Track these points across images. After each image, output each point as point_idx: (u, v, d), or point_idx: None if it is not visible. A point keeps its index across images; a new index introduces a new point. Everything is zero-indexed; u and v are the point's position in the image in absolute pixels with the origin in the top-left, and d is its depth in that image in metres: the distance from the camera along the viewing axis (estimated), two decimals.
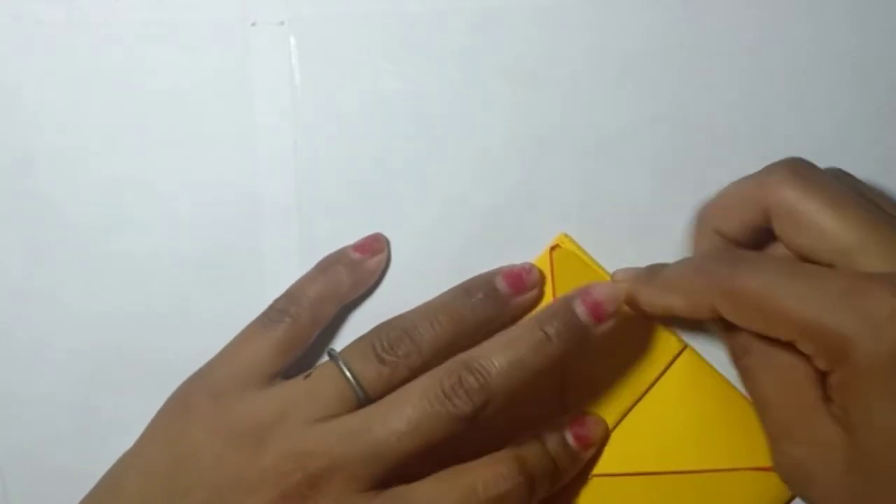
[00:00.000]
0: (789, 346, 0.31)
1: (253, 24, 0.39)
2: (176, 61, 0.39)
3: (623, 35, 0.39)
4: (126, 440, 0.37)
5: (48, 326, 0.39)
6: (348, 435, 0.32)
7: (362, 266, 0.38)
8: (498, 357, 0.33)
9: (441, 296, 0.37)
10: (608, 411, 0.37)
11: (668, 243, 0.38)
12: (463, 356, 0.33)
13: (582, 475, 0.37)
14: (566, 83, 0.39)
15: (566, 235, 0.38)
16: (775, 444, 0.32)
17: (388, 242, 0.39)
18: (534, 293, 0.37)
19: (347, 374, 0.33)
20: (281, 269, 0.39)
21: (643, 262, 0.37)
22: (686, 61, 0.39)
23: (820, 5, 0.39)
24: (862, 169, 0.39)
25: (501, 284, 0.37)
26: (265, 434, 0.33)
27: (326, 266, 0.38)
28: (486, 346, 0.34)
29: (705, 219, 0.36)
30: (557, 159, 0.39)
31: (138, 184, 0.39)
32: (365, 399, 0.33)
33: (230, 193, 0.39)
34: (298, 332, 0.36)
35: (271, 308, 0.37)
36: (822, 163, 0.38)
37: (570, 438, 0.36)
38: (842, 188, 0.32)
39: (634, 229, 0.39)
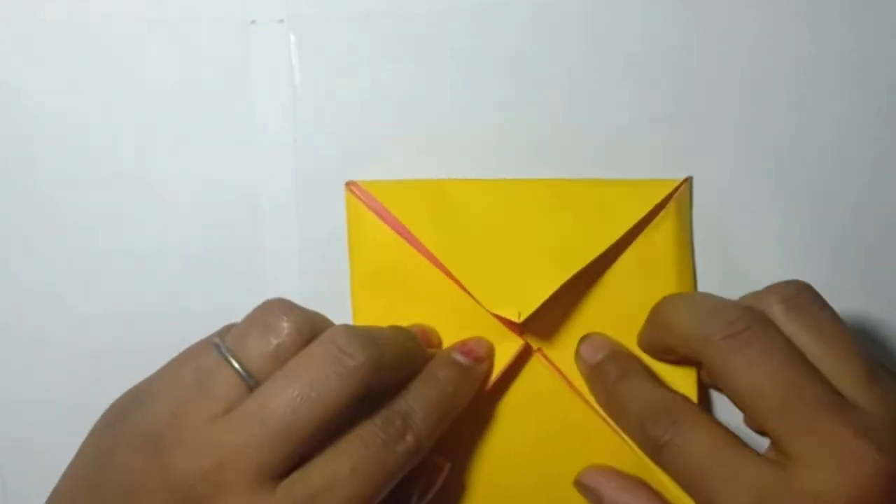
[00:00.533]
0: None
1: (253, 22, 0.39)
2: (176, 60, 0.39)
3: (623, 35, 0.39)
4: None
5: (48, 326, 0.39)
6: (242, 424, 0.30)
7: None
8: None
9: None
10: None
11: None
12: (345, 325, 0.33)
13: None
14: (566, 82, 0.39)
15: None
16: None
17: None
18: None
19: (233, 362, 0.31)
20: (281, 268, 0.39)
21: None
22: (686, 61, 0.39)
23: (820, 5, 0.39)
24: (862, 169, 0.39)
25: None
26: (162, 438, 0.31)
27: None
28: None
29: None
30: (557, 158, 0.39)
31: (138, 183, 0.39)
32: (255, 384, 0.31)
33: (230, 192, 0.39)
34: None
35: (218, 331, 0.35)
36: (823, 163, 0.39)
37: (457, 356, 0.36)
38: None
39: None
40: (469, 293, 0.36)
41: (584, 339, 0.37)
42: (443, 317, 0.38)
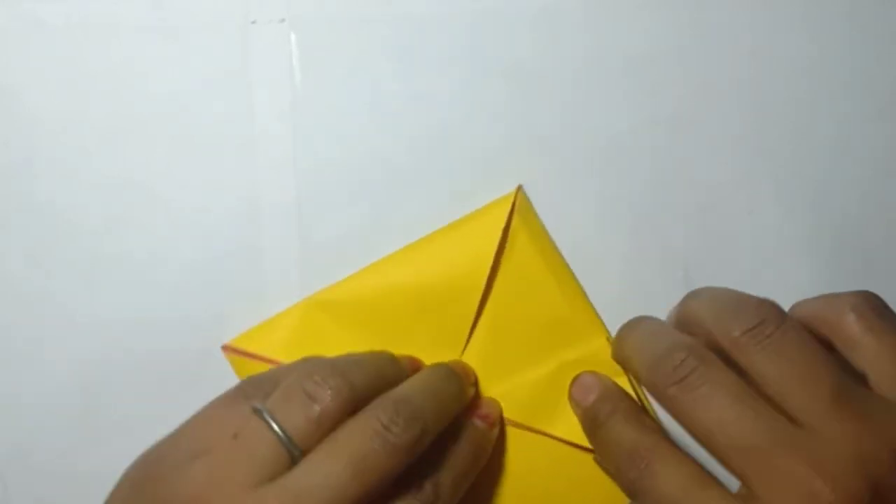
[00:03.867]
0: None
1: (253, 23, 0.39)
2: (176, 60, 0.39)
3: (623, 37, 0.39)
4: (126, 440, 0.37)
5: (48, 328, 0.38)
6: (289, 492, 0.30)
7: None
8: (422, 396, 0.34)
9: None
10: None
11: (669, 243, 0.38)
12: (391, 393, 0.33)
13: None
14: (566, 85, 0.39)
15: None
16: None
17: None
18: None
19: (276, 428, 0.31)
20: (281, 269, 0.39)
21: (644, 261, 0.38)
22: (686, 62, 0.39)
23: (820, 6, 0.39)
24: (862, 169, 0.39)
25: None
26: (203, 501, 0.30)
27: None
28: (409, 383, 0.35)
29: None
30: (557, 160, 0.39)
31: (138, 184, 0.39)
32: (299, 453, 0.31)
33: (230, 193, 0.39)
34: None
35: (245, 385, 0.35)
36: (824, 163, 0.39)
37: (478, 423, 0.37)
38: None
39: (634, 230, 0.39)
40: None
41: (574, 381, 0.38)
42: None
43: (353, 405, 0.32)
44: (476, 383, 0.39)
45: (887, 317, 0.33)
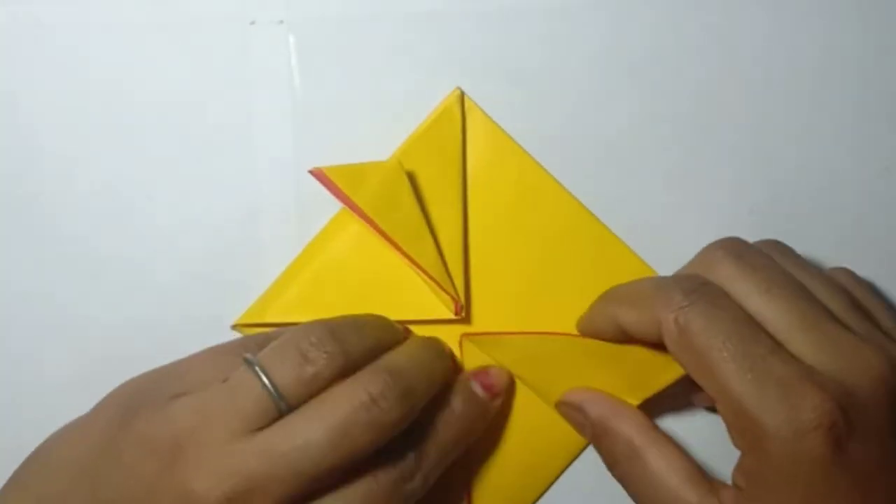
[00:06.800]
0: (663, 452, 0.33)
1: (252, 24, 0.39)
2: (175, 61, 0.39)
3: (626, 37, 0.39)
4: None
5: (48, 329, 0.38)
6: (267, 452, 0.30)
7: None
8: (415, 370, 0.33)
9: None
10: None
11: (671, 243, 0.38)
12: (384, 362, 0.33)
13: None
14: (568, 85, 0.39)
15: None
16: None
17: None
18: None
19: (266, 381, 0.31)
20: (281, 269, 0.38)
21: (646, 260, 0.38)
22: (689, 63, 0.39)
23: (822, 6, 0.39)
24: (863, 169, 0.39)
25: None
26: (182, 446, 0.30)
27: None
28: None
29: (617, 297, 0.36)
30: (559, 160, 0.39)
31: (137, 185, 0.39)
32: (286, 408, 0.31)
33: (230, 194, 0.39)
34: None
35: (245, 339, 0.35)
36: (824, 163, 0.39)
37: (477, 388, 0.36)
38: (776, 271, 0.32)
39: (637, 230, 0.39)
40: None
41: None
42: (390, 299, 0.38)
43: (346, 372, 0.32)
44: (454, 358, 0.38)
45: (749, 255, 0.33)
